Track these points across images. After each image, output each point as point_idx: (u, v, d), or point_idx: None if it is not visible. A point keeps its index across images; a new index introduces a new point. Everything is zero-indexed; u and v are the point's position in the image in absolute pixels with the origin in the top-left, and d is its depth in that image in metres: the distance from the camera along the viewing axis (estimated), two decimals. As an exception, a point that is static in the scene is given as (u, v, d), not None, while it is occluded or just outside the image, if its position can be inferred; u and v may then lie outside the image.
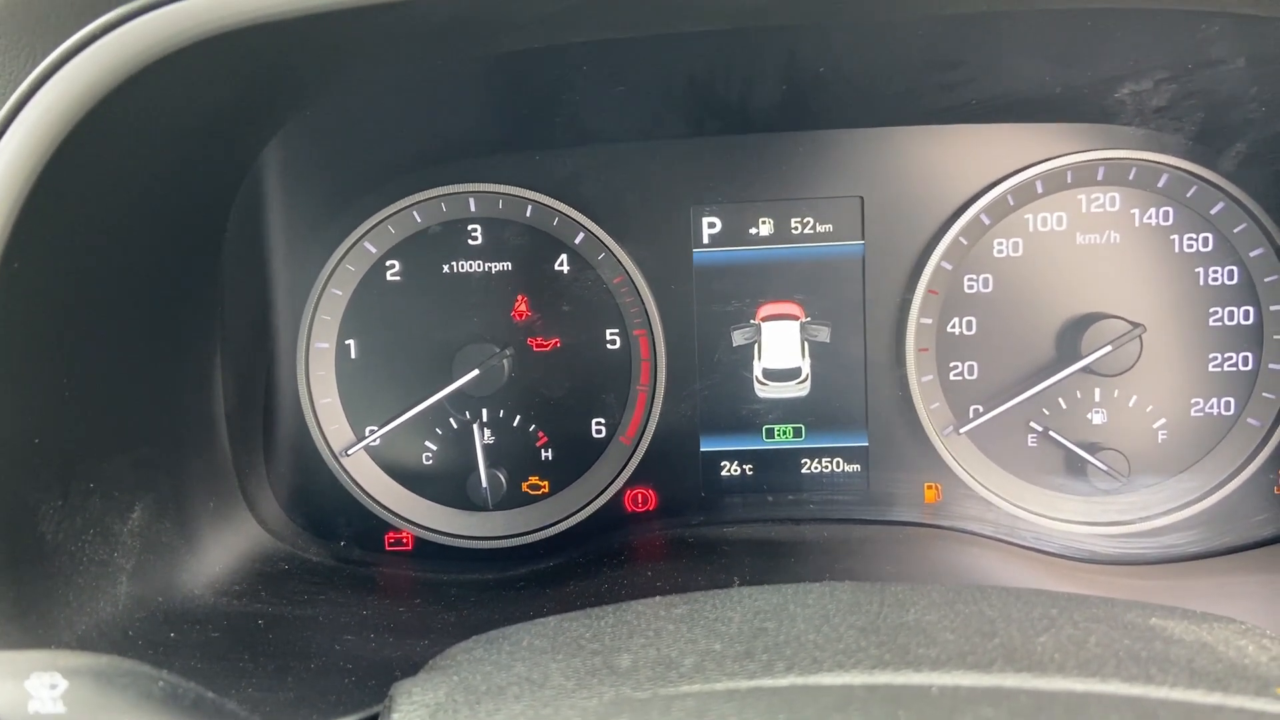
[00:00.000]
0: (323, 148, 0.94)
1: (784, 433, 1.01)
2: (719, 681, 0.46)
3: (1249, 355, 0.95)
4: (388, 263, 1.01)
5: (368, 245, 1.00)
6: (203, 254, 0.88)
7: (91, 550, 0.76)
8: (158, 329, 0.83)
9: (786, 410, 1.01)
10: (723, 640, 0.52)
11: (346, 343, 1.02)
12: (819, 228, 0.99)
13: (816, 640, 0.49)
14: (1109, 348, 0.93)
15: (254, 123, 0.85)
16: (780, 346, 1.00)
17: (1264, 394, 0.95)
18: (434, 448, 1.02)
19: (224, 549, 0.92)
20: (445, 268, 1.01)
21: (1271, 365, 0.94)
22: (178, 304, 0.85)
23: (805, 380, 1.00)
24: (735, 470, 1.02)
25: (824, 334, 1.00)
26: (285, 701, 0.70)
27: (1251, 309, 0.95)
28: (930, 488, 0.99)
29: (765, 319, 1.00)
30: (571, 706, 0.45)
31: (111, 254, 0.74)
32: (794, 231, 0.99)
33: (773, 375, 1.01)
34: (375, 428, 1.02)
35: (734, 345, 1.01)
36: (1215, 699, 0.42)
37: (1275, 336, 0.94)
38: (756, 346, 1.00)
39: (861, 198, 0.98)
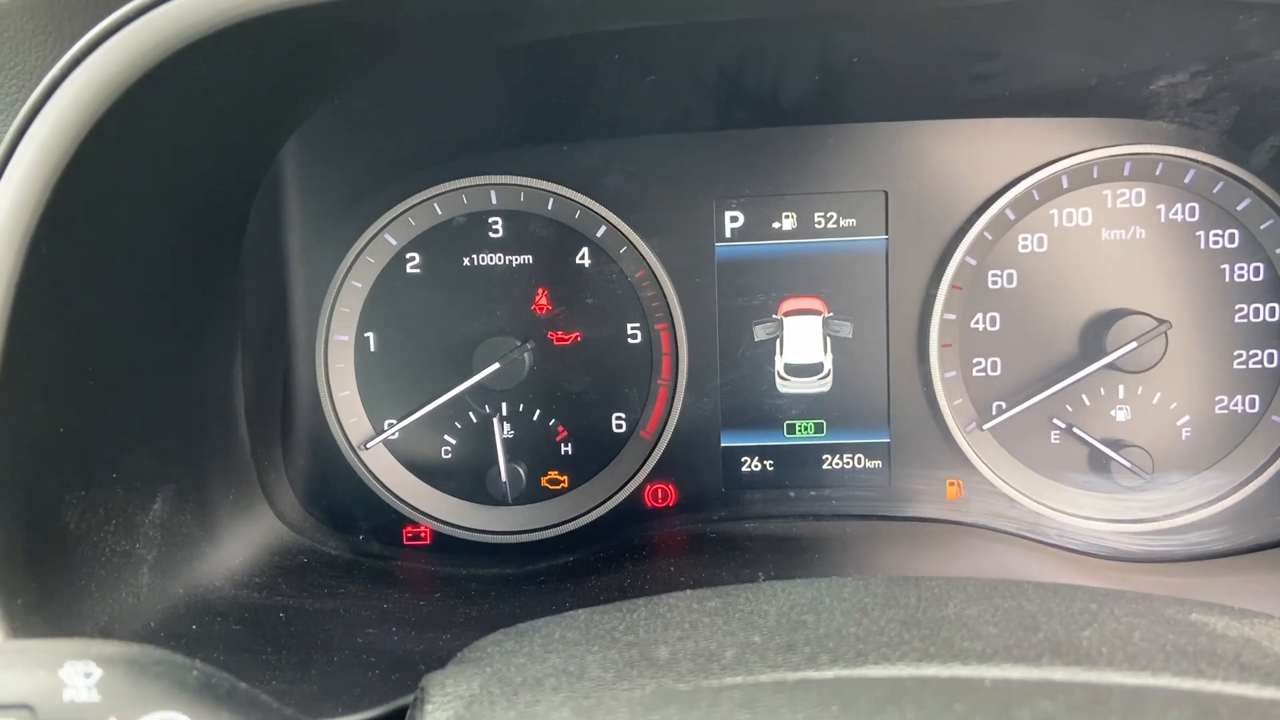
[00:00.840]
0: (344, 139, 0.93)
1: (805, 428, 1.01)
2: (763, 673, 0.45)
3: (1274, 352, 0.94)
4: (408, 255, 1.00)
5: (388, 237, 1.00)
6: (224, 246, 0.87)
7: (114, 541, 0.76)
8: (178, 321, 0.82)
9: (808, 406, 1.00)
10: (762, 633, 0.51)
11: (366, 335, 1.01)
12: (842, 222, 0.98)
13: (858, 633, 0.48)
14: (1134, 344, 0.92)
15: (277, 113, 0.84)
16: (802, 341, 1.00)
17: (1290, 391, 0.94)
18: (453, 441, 1.02)
19: (243, 541, 0.91)
20: (466, 260, 1.00)
21: (1298, 362, 0.94)
22: (198, 296, 0.84)
23: (827, 376, 1.00)
24: (756, 466, 1.01)
25: (846, 329, 0.99)
26: (311, 694, 0.69)
27: (1277, 306, 0.94)
28: (952, 484, 0.99)
29: (788, 314, 1.00)
30: (614, 698, 0.45)
31: (134, 245, 0.73)
32: (817, 226, 0.98)
33: (795, 370, 1.00)
34: (394, 421, 1.01)
35: (756, 340, 1.00)
36: (1269, 693, 0.41)
37: (1302, 333, 0.94)
38: (778, 341, 1.00)
39: (886, 192, 0.97)
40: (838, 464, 1.00)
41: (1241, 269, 0.94)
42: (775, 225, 0.99)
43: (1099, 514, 0.96)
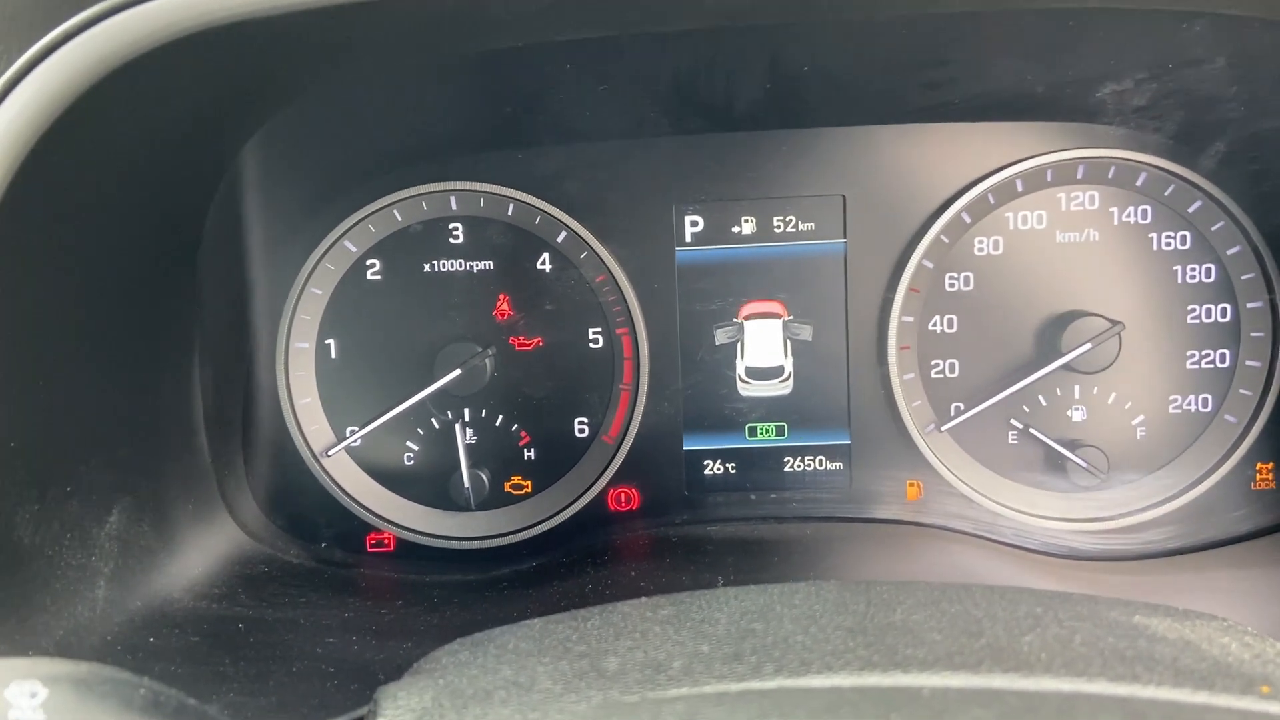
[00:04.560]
0: (302, 146, 0.93)
1: (767, 431, 1.01)
2: (707, 684, 0.46)
3: (1226, 352, 0.96)
4: (368, 261, 1.00)
5: (348, 244, 1.00)
6: (180, 254, 0.86)
7: (69, 554, 0.75)
8: (134, 330, 0.82)
9: (769, 409, 1.01)
10: (710, 642, 0.52)
11: (326, 342, 1.01)
12: (801, 226, 0.99)
13: (804, 641, 0.49)
14: (1088, 345, 0.93)
15: (233, 121, 0.84)
16: (763, 345, 1.00)
17: (1241, 391, 0.96)
18: (415, 448, 1.02)
19: (203, 552, 0.91)
20: (426, 266, 1.00)
21: (1248, 362, 0.95)
22: (155, 305, 0.84)
23: (788, 379, 1.00)
24: (718, 469, 1.02)
25: (806, 332, 1.00)
26: (267, 706, 0.69)
27: (1229, 306, 0.95)
28: (912, 485, 0.99)
29: (748, 317, 1.00)
30: (560, 711, 0.45)
31: (88, 254, 0.73)
32: (776, 230, 0.99)
33: (755, 374, 1.01)
34: (356, 428, 1.01)
35: (717, 344, 1.00)
36: (1202, 698, 0.42)
37: (1252, 334, 0.95)
38: (739, 345, 1.00)
39: (844, 196, 0.98)
40: (799, 466, 1.01)
41: (1193, 270, 0.96)
42: (735, 229, 0.99)
43: (1055, 513, 0.97)
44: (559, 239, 0.99)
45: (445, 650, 0.58)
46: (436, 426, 1.01)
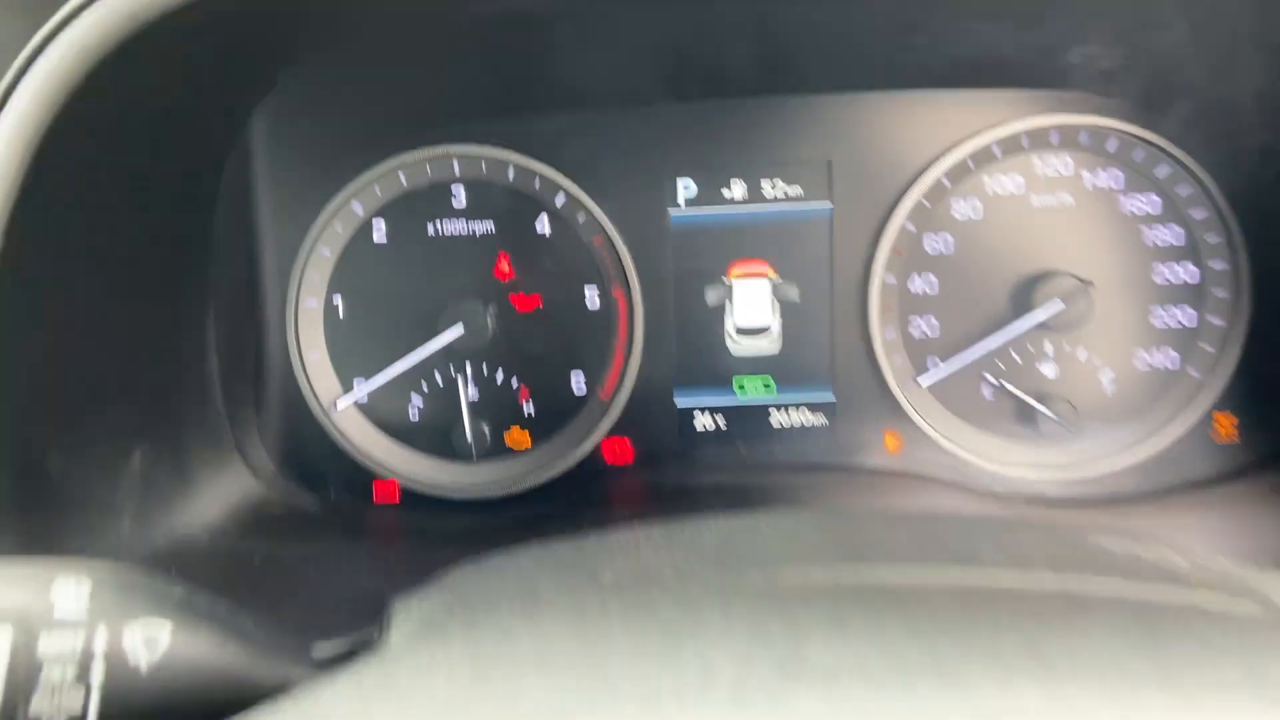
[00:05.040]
0: (310, 112, 0.97)
1: (755, 387, 1.06)
2: (696, 587, 0.51)
3: (1189, 311, 1.01)
4: (374, 223, 1.04)
5: (354, 206, 1.04)
6: (194, 217, 0.91)
7: (95, 491, 0.80)
8: (153, 285, 0.86)
9: (757, 365, 1.06)
10: (699, 554, 0.57)
11: (334, 301, 1.06)
12: (789, 190, 1.03)
13: (784, 545, 0.54)
14: (1059, 304, 0.98)
15: (241, 87, 0.88)
16: (751, 304, 1.05)
17: (1205, 347, 1.01)
18: (420, 402, 1.07)
19: (218, 496, 0.96)
20: (430, 228, 1.04)
21: (1212, 320, 1.00)
22: (172, 262, 0.89)
23: (775, 337, 1.05)
24: (709, 423, 1.06)
25: (793, 292, 1.05)
26: (286, 625, 0.74)
27: (1195, 267, 1.00)
28: (892, 436, 1.04)
29: (737, 278, 1.05)
30: (559, 608, 0.50)
31: (110, 214, 0.77)
32: (765, 194, 1.04)
33: (744, 332, 1.05)
34: (363, 382, 1.05)
35: (708, 303, 1.05)
36: (1144, 589, 0.47)
37: (1216, 293, 1.00)
38: (729, 304, 1.05)
39: (829, 161, 1.02)
40: (786, 420, 1.06)
41: (1161, 232, 1.00)
42: (725, 193, 1.04)
43: (1027, 462, 1.02)
44: (557, 201, 1.04)
45: (455, 570, 0.62)
46: (440, 382, 1.06)
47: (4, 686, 0.50)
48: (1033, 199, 1.01)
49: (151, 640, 0.54)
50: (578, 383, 1.06)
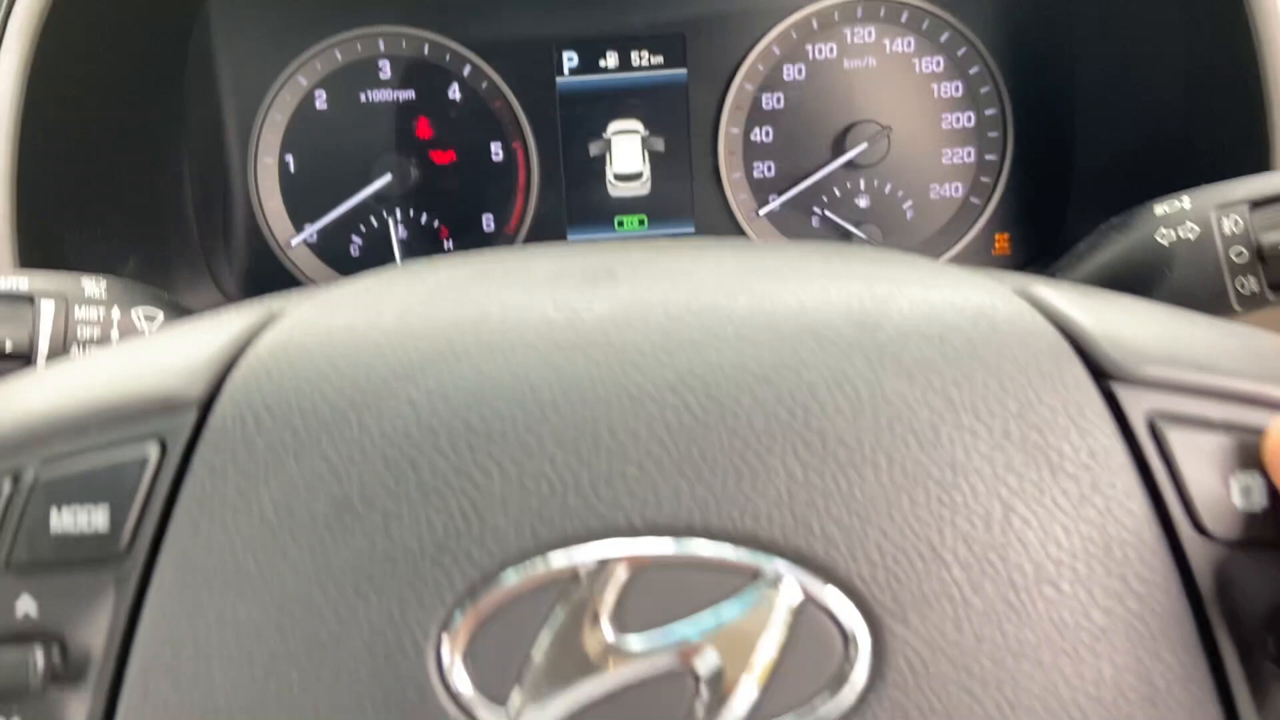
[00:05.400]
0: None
1: (631, 223, 1.31)
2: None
3: (971, 150, 1.27)
4: (316, 93, 1.29)
5: (300, 79, 1.28)
6: (167, 82, 1.16)
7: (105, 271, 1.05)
8: (136, 125, 1.11)
9: (633, 205, 1.31)
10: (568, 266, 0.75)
11: (286, 158, 1.30)
12: (653, 60, 1.28)
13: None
14: (865, 144, 1.24)
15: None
16: (626, 155, 1.30)
17: (982, 179, 1.27)
18: (359, 241, 1.31)
19: (196, 310, 1.21)
20: (362, 96, 1.29)
21: (987, 157, 1.26)
22: (153, 115, 1.13)
23: (646, 181, 1.30)
24: (594, 253, 1.32)
25: (659, 144, 1.30)
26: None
27: (973, 114, 1.26)
28: (740, 260, 1.30)
29: (614, 134, 1.30)
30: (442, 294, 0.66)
31: (102, 69, 1.02)
32: (634, 63, 1.28)
33: (621, 178, 1.30)
34: (311, 225, 1.30)
35: (591, 155, 1.30)
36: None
37: (989, 134, 1.26)
38: (608, 155, 1.30)
39: (683, 35, 1.27)
40: (656, 249, 1.31)
41: (946, 87, 1.26)
42: (602, 63, 1.28)
43: (844, 275, 1.28)
44: (464, 72, 1.28)
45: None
46: (374, 223, 1.31)
47: (50, 339, 0.76)
48: (844, 62, 1.26)
49: (151, 318, 0.79)
50: (487, 222, 1.31)
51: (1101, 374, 0.42)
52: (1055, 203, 1.25)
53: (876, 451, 0.40)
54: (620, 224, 1.31)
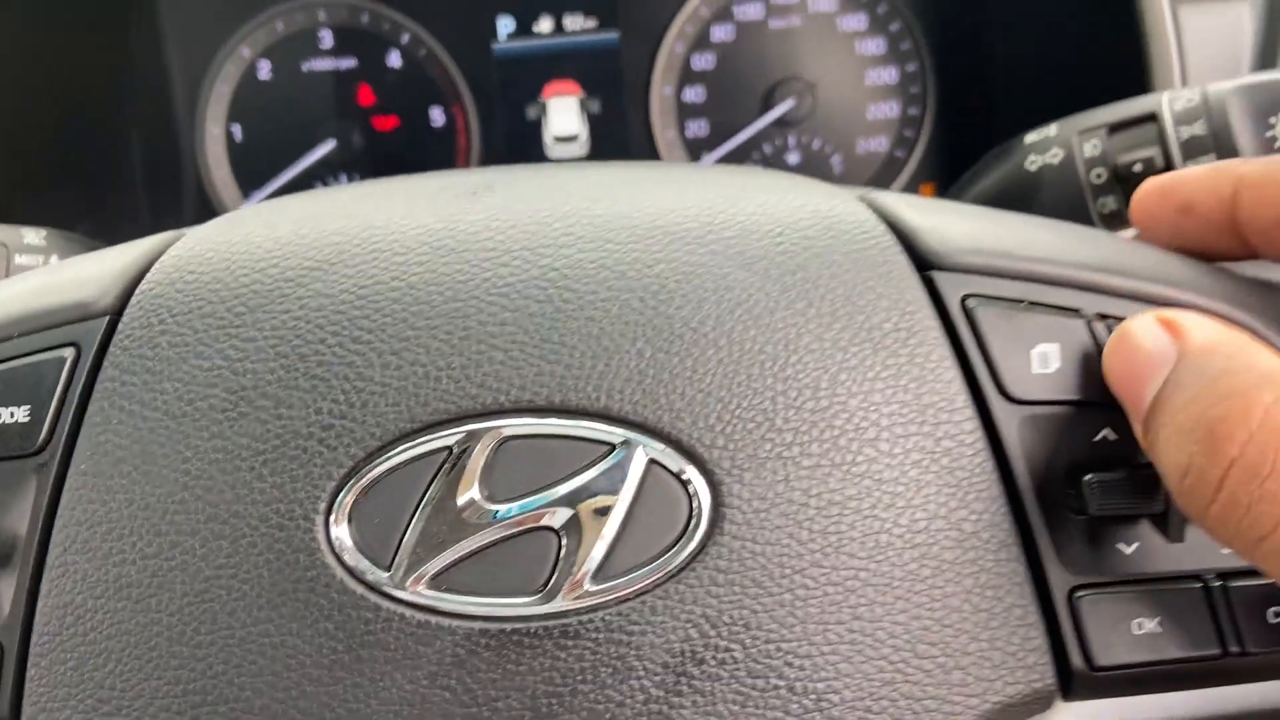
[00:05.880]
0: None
1: (570, 183, 1.35)
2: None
3: (894, 104, 1.31)
4: (259, 63, 1.32)
5: (243, 50, 1.31)
6: (112, 56, 1.19)
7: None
8: (82, 106, 1.14)
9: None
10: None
11: (232, 128, 1.33)
12: (586, 24, 1.32)
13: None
14: (792, 101, 1.28)
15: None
16: (564, 117, 1.34)
17: (905, 133, 1.32)
18: (306, 207, 1.35)
19: (148, 274, 1.25)
20: (304, 66, 1.32)
21: (909, 111, 1.31)
22: (97, 88, 1.17)
23: (584, 142, 1.34)
24: (536, 214, 1.36)
25: (595, 106, 1.34)
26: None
27: (895, 70, 1.31)
28: (677, 217, 1.35)
29: (551, 96, 1.34)
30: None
31: (42, 51, 1.05)
32: (567, 27, 1.32)
33: (560, 139, 1.34)
34: (258, 191, 1.34)
35: (529, 118, 1.34)
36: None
37: (911, 90, 1.31)
38: (545, 118, 1.34)
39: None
40: (595, 209, 1.36)
41: (868, 44, 1.30)
42: (536, 28, 1.32)
43: (776, 228, 1.33)
44: (403, 40, 1.31)
45: None
46: (322, 188, 1.34)
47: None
48: (770, 23, 1.30)
49: (91, 267, 0.82)
50: (430, 185, 1.35)
51: (924, 264, 0.47)
52: (977, 154, 1.29)
53: (718, 333, 0.44)
54: (560, 185, 1.35)
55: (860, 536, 0.43)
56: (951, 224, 0.48)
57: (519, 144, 1.34)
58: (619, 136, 1.33)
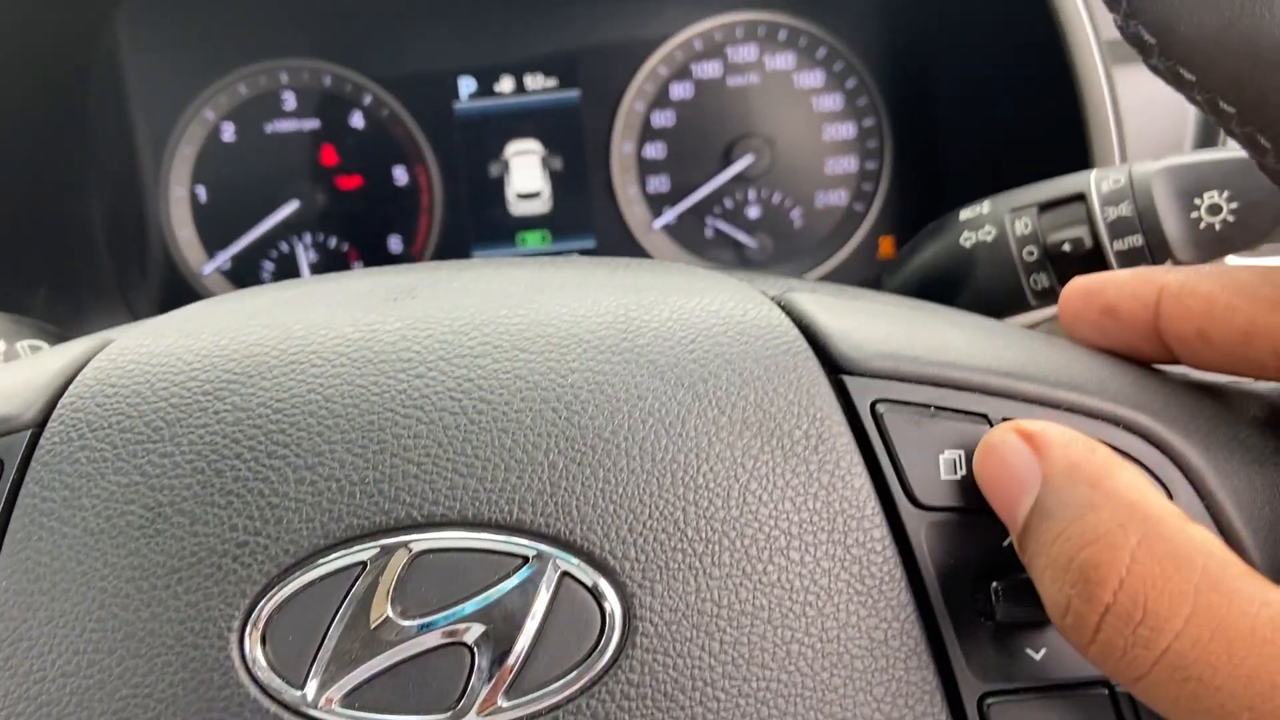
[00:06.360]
0: (164, 24, 1.26)
1: (534, 239, 1.37)
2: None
3: (852, 159, 1.33)
4: (223, 125, 1.33)
5: (206, 113, 1.32)
6: (73, 118, 1.20)
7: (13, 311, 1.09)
8: (43, 171, 1.15)
9: (535, 222, 1.36)
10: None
11: (197, 190, 1.34)
12: (546, 83, 1.33)
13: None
14: (751, 156, 1.30)
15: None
16: (526, 174, 1.35)
17: (863, 186, 1.33)
18: (271, 267, 1.36)
19: (111, 338, 1.25)
20: (267, 128, 1.33)
21: (867, 165, 1.33)
22: (59, 152, 1.17)
23: (547, 198, 1.36)
24: (500, 270, 1.37)
25: (557, 163, 1.35)
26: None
27: (853, 125, 1.32)
28: (640, 272, 1.36)
29: (513, 154, 1.35)
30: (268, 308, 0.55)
31: (7, 113, 1.06)
32: (528, 86, 1.33)
33: (522, 196, 1.36)
34: (223, 252, 1.34)
35: (491, 176, 1.35)
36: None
37: (868, 144, 1.32)
38: (507, 175, 1.35)
39: (575, 55, 1.32)
40: (559, 264, 1.37)
41: (825, 100, 1.32)
42: (497, 87, 1.33)
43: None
44: (365, 100, 1.33)
45: None
46: (286, 249, 1.35)
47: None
48: (728, 80, 1.32)
49: (37, 349, 0.83)
50: (394, 243, 1.36)
51: (835, 368, 0.47)
52: (934, 205, 1.31)
53: (630, 443, 0.45)
54: (523, 240, 1.36)
55: (772, 647, 0.43)
56: (864, 326, 0.49)
57: (482, 201, 1.35)
58: (581, 193, 1.35)
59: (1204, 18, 0.42)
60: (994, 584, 0.44)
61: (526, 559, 0.44)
